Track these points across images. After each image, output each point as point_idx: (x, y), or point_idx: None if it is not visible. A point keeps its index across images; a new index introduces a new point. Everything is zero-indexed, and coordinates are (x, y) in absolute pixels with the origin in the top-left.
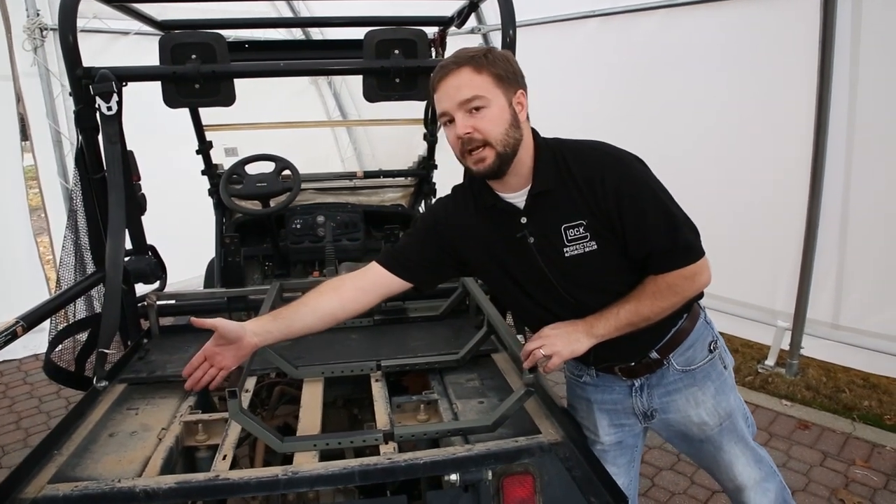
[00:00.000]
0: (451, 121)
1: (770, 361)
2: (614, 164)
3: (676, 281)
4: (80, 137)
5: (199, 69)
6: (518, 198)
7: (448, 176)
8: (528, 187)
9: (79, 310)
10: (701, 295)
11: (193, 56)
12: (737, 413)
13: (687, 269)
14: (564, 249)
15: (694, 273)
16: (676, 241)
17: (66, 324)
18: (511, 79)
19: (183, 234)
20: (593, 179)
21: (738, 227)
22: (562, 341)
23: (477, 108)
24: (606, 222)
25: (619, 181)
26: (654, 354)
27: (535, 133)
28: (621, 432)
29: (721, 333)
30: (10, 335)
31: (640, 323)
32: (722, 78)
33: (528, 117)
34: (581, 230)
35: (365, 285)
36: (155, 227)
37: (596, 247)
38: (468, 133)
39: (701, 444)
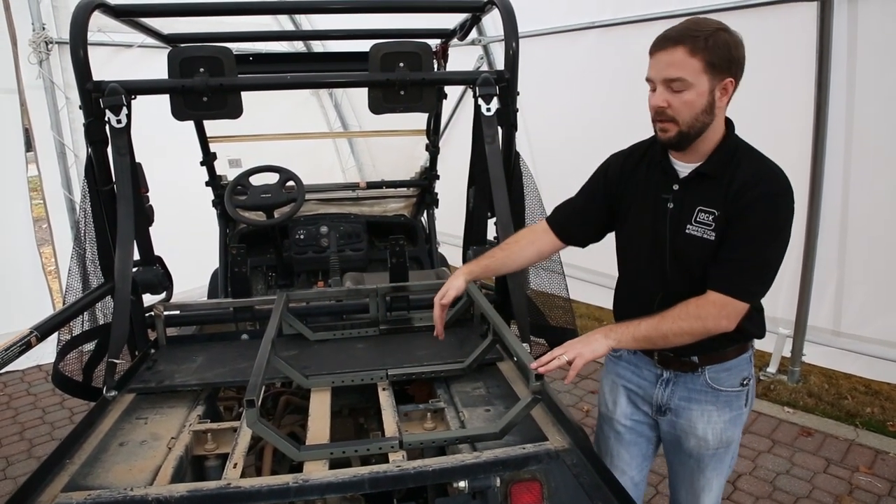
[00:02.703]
0: (654, 88)
1: (772, 369)
2: (770, 185)
3: (707, 305)
4: (89, 150)
5: (208, 82)
6: (684, 168)
7: (450, 187)
8: (699, 164)
9: (82, 321)
10: (760, 334)
11: (202, 69)
12: (733, 448)
13: (724, 298)
14: (687, 227)
15: (725, 305)
16: (738, 265)
17: (69, 335)
18: (723, 67)
19: (184, 245)
20: (746, 184)
21: None
22: (581, 346)
23: (677, 90)
24: (728, 221)
25: (761, 198)
26: (693, 358)
27: (730, 125)
28: (639, 415)
29: None
30: (25, 345)
31: (657, 339)
32: None
33: (727, 104)
34: (710, 218)
35: (535, 238)
36: (158, 238)
37: (713, 238)
38: (661, 106)
39: (688, 459)
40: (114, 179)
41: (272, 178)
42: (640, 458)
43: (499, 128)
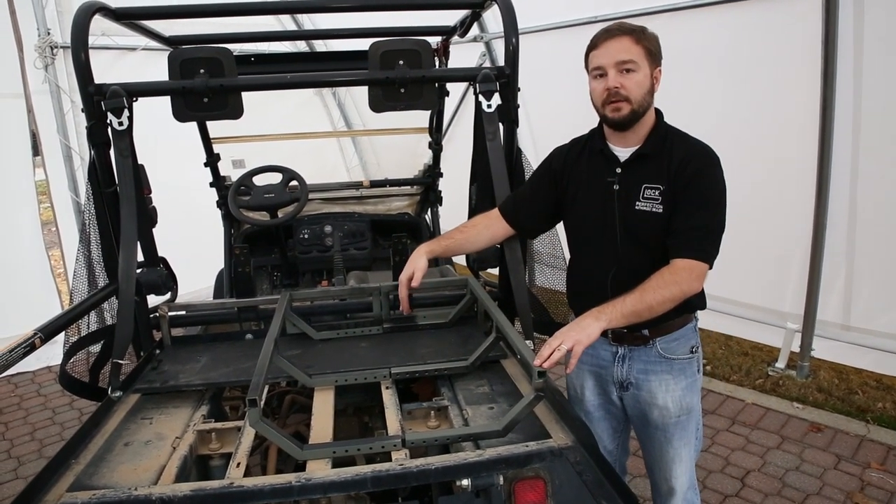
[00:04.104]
0: (602, 75)
1: (780, 364)
2: (705, 159)
3: (679, 271)
4: (92, 152)
5: (208, 83)
6: (623, 152)
7: (454, 184)
8: (637, 147)
9: (90, 322)
10: (702, 306)
11: (202, 70)
12: (694, 416)
13: (691, 262)
14: (636, 203)
15: (693, 268)
16: (697, 232)
17: (77, 336)
18: (656, 56)
19: (191, 246)
20: (683, 160)
21: (746, 229)
22: (576, 332)
23: (629, 70)
24: (674, 195)
25: (700, 170)
26: (644, 331)
27: (659, 112)
28: (604, 397)
29: (730, 336)
30: (29, 347)
31: (643, 311)
32: (726, 81)
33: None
34: (656, 193)
35: (489, 223)
36: (163, 239)
37: (661, 210)
38: (616, 87)
39: (655, 431)
40: (117, 181)
41: (275, 178)
42: (610, 431)
43: (500, 124)
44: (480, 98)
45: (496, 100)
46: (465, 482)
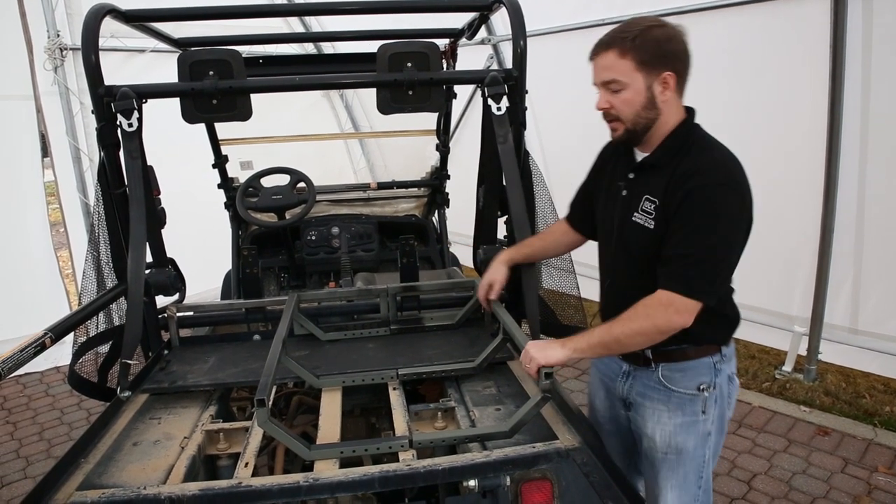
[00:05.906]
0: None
1: (787, 367)
2: (709, 176)
3: (654, 304)
4: (101, 154)
5: (217, 85)
6: (641, 157)
7: (461, 186)
8: (646, 155)
9: (99, 322)
10: (722, 341)
11: (211, 72)
12: (688, 460)
13: (670, 294)
14: (633, 214)
15: (672, 302)
16: (683, 262)
17: (85, 337)
18: (656, 62)
19: (198, 247)
20: (686, 174)
21: (753, 232)
22: (536, 350)
23: (615, 90)
24: (666, 213)
25: (699, 188)
26: (647, 353)
27: (690, 113)
28: (613, 411)
29: (737, 339)
30: (39, 346)
31: (611, 344)
32: (733, 83)
33: (682, 94)
34: (652, 207)
35: (566, 229)
36: (171, 240)
37: (653, 227)
38: (604, 108)
39: (644, 460)
40: (126, 182)
41: (283, 179)
42: (621, 449)
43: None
44: (489, 101)
45: (505, 102)
46: (472, 483)
